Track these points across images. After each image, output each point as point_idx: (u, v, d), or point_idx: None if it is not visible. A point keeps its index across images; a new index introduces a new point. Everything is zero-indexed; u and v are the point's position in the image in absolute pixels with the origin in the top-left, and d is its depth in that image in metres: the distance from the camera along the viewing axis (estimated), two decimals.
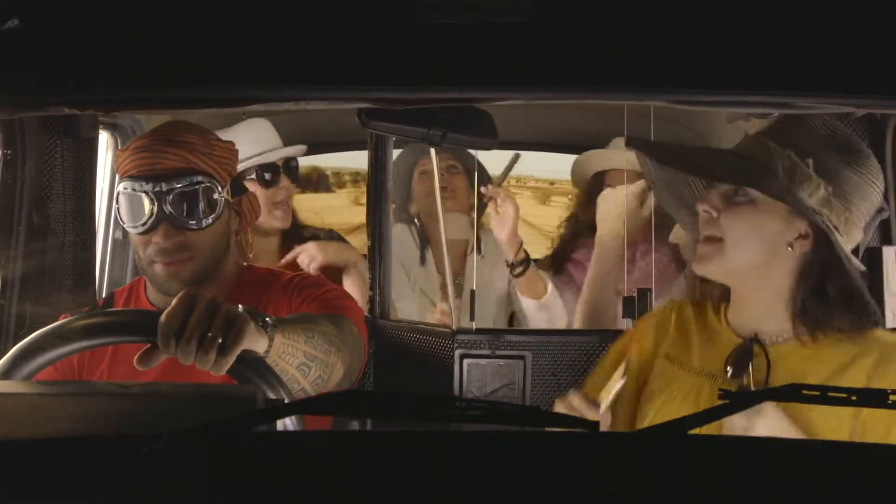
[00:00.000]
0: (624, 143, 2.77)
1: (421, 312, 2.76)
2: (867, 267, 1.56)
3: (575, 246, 2.83)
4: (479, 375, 2.02)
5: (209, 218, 1.73)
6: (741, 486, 0.93)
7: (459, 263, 2.78)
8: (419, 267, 2.85)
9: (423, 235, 2.87)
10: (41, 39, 1.35)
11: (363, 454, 1.00)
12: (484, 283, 2.73)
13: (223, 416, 1.01)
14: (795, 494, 0.92)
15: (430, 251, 2.85)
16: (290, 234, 2.69)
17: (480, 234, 2.78)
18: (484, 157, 2.73)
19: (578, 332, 2.26)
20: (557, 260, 2.86)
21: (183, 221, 1.71)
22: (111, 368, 1.75)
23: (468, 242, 2.72)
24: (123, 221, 1.73)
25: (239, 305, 1.35)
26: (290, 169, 2.65)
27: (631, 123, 2.22)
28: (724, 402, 1.08)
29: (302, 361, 1.45)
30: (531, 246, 2.69)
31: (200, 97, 1.41)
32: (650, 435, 1.08)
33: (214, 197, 1.74)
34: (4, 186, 1.95)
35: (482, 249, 2.78)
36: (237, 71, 1.34)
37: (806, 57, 1.34)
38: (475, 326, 2.10)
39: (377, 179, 2.33)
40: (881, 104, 1.51)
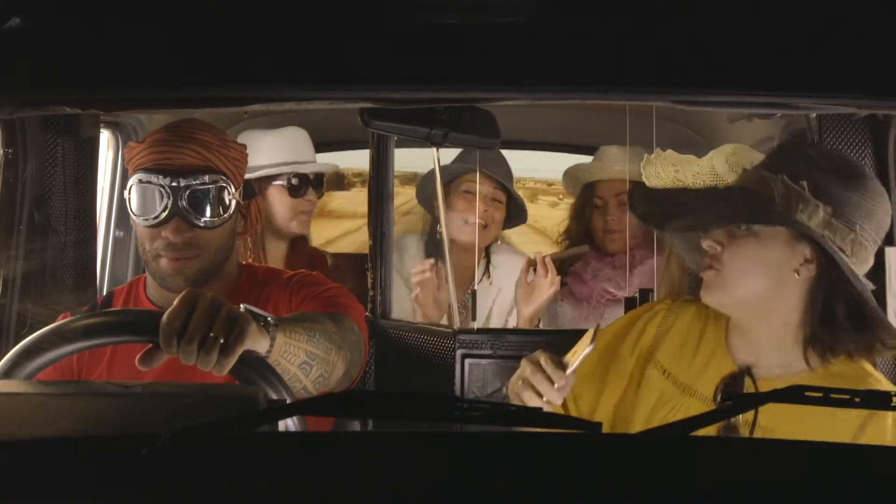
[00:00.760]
0: (611, 151, 2.80)
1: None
2: (870, 269, 1.55)
3: (576, 257, 2.84)
4: (480, 375, 2.02)
5: (220, 217, 1.74)
6: (743, 487, 0.93)
7: (466, 276, 2.77)
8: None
9: (438, 244, 2.86)
10: (43, 39, 1.35)
11: (364, 454, 1.00)
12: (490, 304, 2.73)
13: (224, 416, 1.00)
14: (796, 495, 0.92)
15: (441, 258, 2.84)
16: (300, 239, 2.73)
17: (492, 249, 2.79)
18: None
19: (579, 332, 2.25)
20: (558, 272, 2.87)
21: (195, 218, 1.71)
22: (111, 368, 1.74)
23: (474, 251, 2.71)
24: (134, 213, 1.72)
25: (241, 305, 1.35)
26: (318, 183, 2.69)
27: (632, 123, 2.22)
28: (726, 403, 1.07)
29: (303, 360, 1.45)
30: (538, 249, 2.70)
31: (202, 96, 1.42)
32: (652, 436, 1.08)
33: (227, 197, 1.74)
34: (6, 185, 1.95)
35: (491, 273, 2.78)
36: (239, 70, 1.34)
37: (808, 57, 1.34)
38: (476, 327, 2.10)
39: (378, 179, 2.33)
40: (883, 104, 1.50)
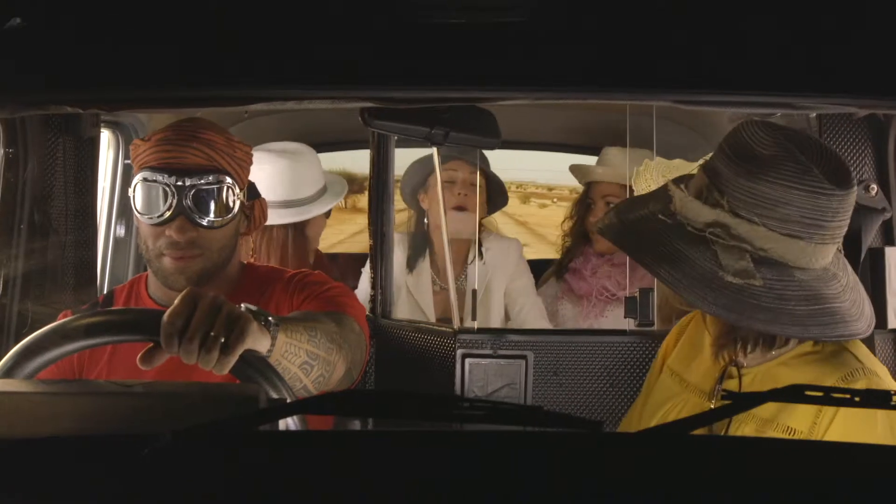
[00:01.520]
0: (614, 152, 2.82)
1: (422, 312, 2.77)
2: (870, 268, 1.54)
3: (573, 255, 2.86)
4: (480, 375, 2.02)
5: (224, 217, 1.74)
6: (742, 486, 0.93)
7: (462, 264, 2.78)
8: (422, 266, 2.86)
9: (427, 236, 2.88)
10: (43, 38, 1.35)
11: (365, 454, 1.00)
12: (484, 285, 2.74)
13: (225, 415, 1.00)
14: (796, 495, 0.92)
15: (433, 252, 2.85)
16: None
17: (482, 237, 2.80)
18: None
19: (580, 331, 2.26)
20: (560, 269, 2.89)
21: (199, 218, 1.71)
22: (111, 367, 1.75)
23: (470, 243, 2.73)
24: (139, 211, 1.73)
25: (242, 305, 1.35)
26: None
27: (633, 123, 2.22)
28: (726, 402, 1.08)
29: (304, 360, 1.45)
30: (537, 250, 2.72)
31: (203, 96, 1.42)
32: (652, 436, 1.08)
33: (232, 198, 1.74)
34: (6, 185, 1.95)
35: (484, 255, 2.79)
36: (240, 70, 1.34)
37: (808, 57, 1.34)
38: (477, 326, 2.10)
39: (379, 179, 2.33)
40: (883, 104, 1.50)
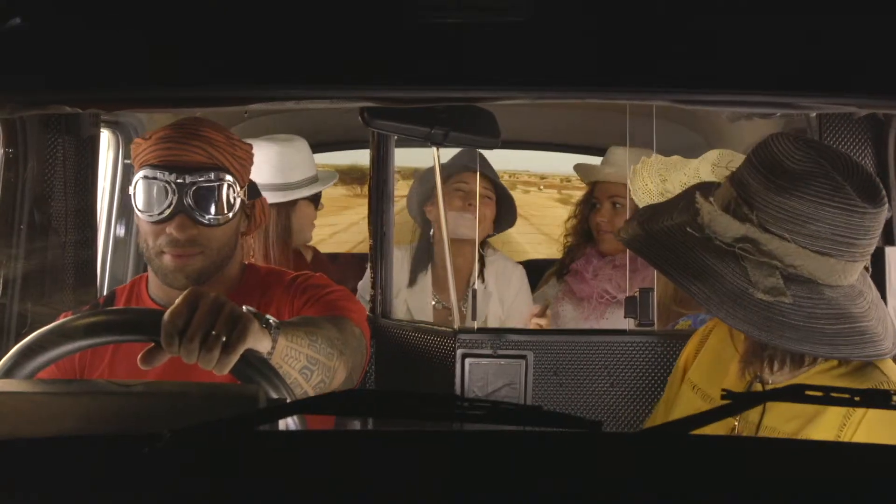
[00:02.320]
0: (620, 152, 2.82)
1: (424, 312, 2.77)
2: (870, 268, 1.54)
3: (575, 256, 2.86)
4: (480, 375, 2.02)
5: (224, 215, 1.74)
6: (742, 486, 0.93)
7: (464, 268, 2.78)
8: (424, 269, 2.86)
9: (431, 248, 2.88)
10: (43, 38, 1.35)
11: (365, 454, 1.00)
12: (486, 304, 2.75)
13: (225, 415, 1.00)
14: (796, 495, 0.92)
15: (434, 264, 2.85)
16: (301, 254, 2.78)
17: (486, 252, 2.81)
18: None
19: (580, 331, 2.26)
20: (561, 270, 2.89)
21: (200, 216, 1.71)
22: (112, 367, 1.75)
23: (474, 249, 2.72)
24: (139, 209, 1.72)
25: (243, 306, 1.35)
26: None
27: (633, 123, 2.22)
28: (725, 402, 1.08)
29: (304, 365, 1.45)
30: (541, 249, 2.73)
31: (203, 96, 1.42)
32: (652, 435, 1.08)
33: (232, 196, 1.75)
34: (6, 185, 1.95)
35: (486, 266, 2.80)
36: (240, 70, 1.34)
37: (808, 56, 1.34)
38: (477, 326, 2.10)
39: (379, 178, 2.33)
40: (883, 104, 1.50)
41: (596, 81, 1.34)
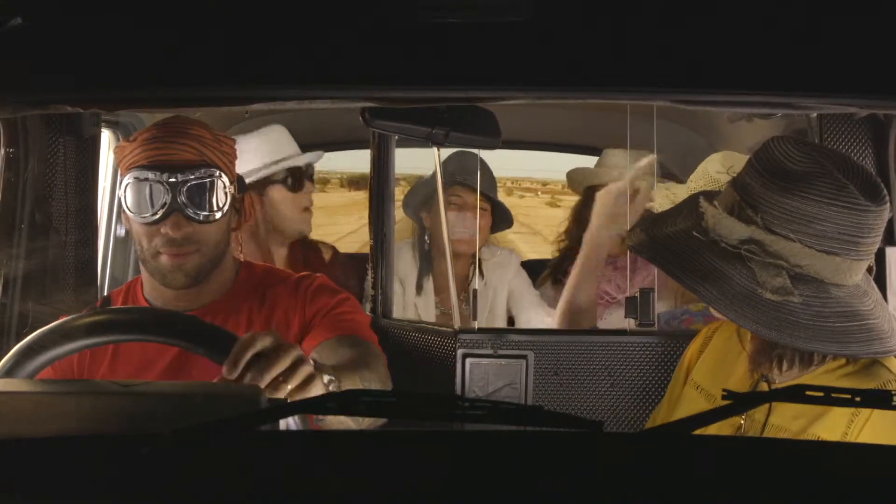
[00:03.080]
0: (615, 154, 2.81)
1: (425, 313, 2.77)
2: (874, 267, 1.54)
3: (571, 259, 2.85)
4: (481, 375, 2.02)
5: (218, 212, 1.74)
6: (744, 486, 0.93)
7: (464, 268, 2.78)
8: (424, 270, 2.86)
9: (429, 255, 2.88)
10: (44, 38, 1.35)
11: (365, 454, 1.00)
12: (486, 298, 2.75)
13: (227, 415, 1.00)
14: (798, 495, 0.92)
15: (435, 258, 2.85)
16: (299, 243, 2.69)
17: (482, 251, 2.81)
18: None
19: (580, 331, 2.25)
20: (556, 272, 2.89)
21: (194, 213, 1.71)
22: (113, 367, 1.74)
23: (474, 255, 2.72)
24: (131, 211, 1.72)
25: (311, 358, 1.40)
26: (309, 175, 2.66)
27: (633, 124, 2.22)
28: (727, 402, 1.08)
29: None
30: (538, 250, 2.73)
31: (204, 96, 1.42)
32: (653, 435, 1.08)
33: (224, 192, 1.75)
34: (7, 185, 1.95)
35: (484, 271, 2.80)
36: (241, 70, 1.34)
37: (809, 56, 1.34)
38: (477, 326, 2.10)
39: (380, 179, 2.33)
40: (884, 104, 1.50)
41: (596, 81, 1.34)
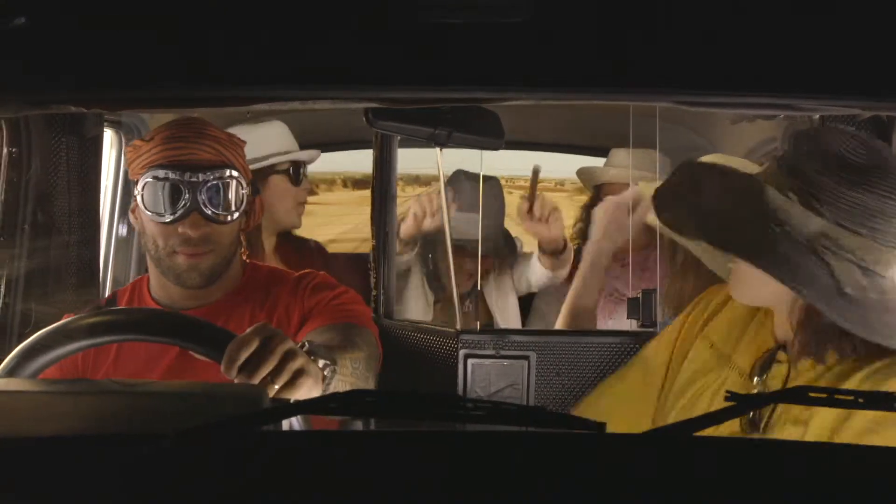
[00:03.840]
0: (622, 153, 2.81)
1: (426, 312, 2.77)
2: None
3: (579, 258, 2.85)
4: (483, 375, 2.02)
5: (236, 213, 1.75)
6: (747, 487, 0.92)
7: (466, 266, 2.78)
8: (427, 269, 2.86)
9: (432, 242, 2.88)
10: (47, 38, 1.35)
11: (367, 454, 1.00)
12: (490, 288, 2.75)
13: (227, 415, 1.01)
14: (798, 495, 0.92)
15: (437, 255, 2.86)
16: (285, 236, 2.71)
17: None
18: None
19: (583, 332, 2.25)
20: (570, 271, 2.88)
21: (213, 213, 1.72)
22: (116, 367, 1.75)
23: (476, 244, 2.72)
24: (149, 210, 1.72)
25: (305, 343, 1.41)
26: (305, 172, 2.69)
27: (635, 125, 2.22)
28: (730, 403, 1.07)
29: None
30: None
31: (206, 96, 1.42)
32: (656, 436, 1.08)
33: (241, 192, 1.76)
34: (10, 185, 1.95)
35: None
36: (243, 70, 1.34)
37: (811, 58, 1.33)
38: (479, 326, 2.10)
39: (382, 179, 2.33)
40: (887, 105, 1.50)
41: (598, 82, 1.34)
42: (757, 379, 1.49)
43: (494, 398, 2.00)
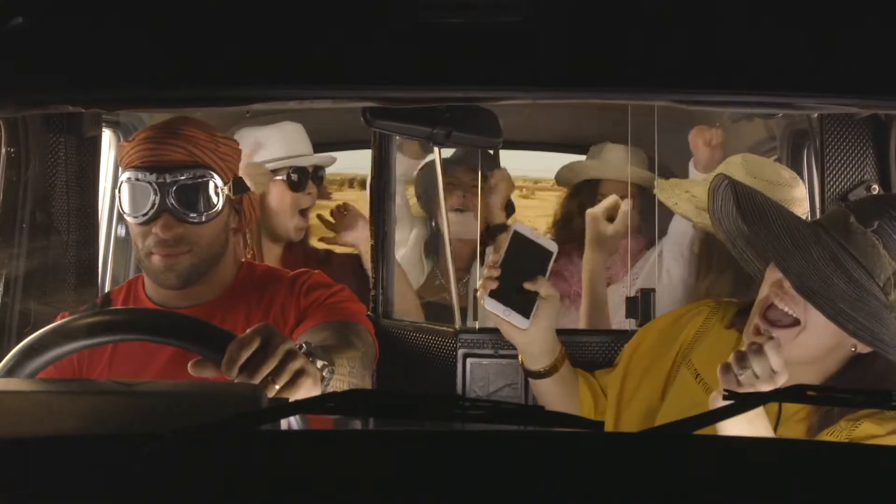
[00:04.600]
0: (606, 149, 2.80)
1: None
2: None
3: (560, 254, 2.83)
4: (482, 375, 2.02)
5: (209, 213, 1.74)
6: (745, 486, 0.93)
7: (464, 264, 2.78)
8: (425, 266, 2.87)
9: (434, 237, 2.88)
10: (45, 38, 1.35)
11: (366, 453, 1.00)
12: None
13: (226, 415, 1.00)
14: (798, 495, 0.92)
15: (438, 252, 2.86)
16: (295, 246, 2.67)
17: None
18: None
19: (581, 331, 2.26)
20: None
21: (184, 214, 1.71)
22: (112, 366, 1.75)
23: (474, 244, 2.72)
24: (125, 211, 1.74)
25: (302, 344, 1.41)
26: (317, 177, 2.64)
27: (634, 124, 2.22)
28: (728, 402, 1.07)
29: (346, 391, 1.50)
30: None
31: (205, 96, 1.42)
32: (654, 435, 1.08)
33: (216, 192, 1.75)
34: (8, 184, 1.95)
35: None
36: (242, 70, 1.34)
37: (810, 57, 1.33)
38: (478, 326, 2.10)
39: (381, 178, 2.33)
40: (885, 104, 1.50)
41: (596, 81, 1.34)
42: None
43: (493, 397, 2.00)
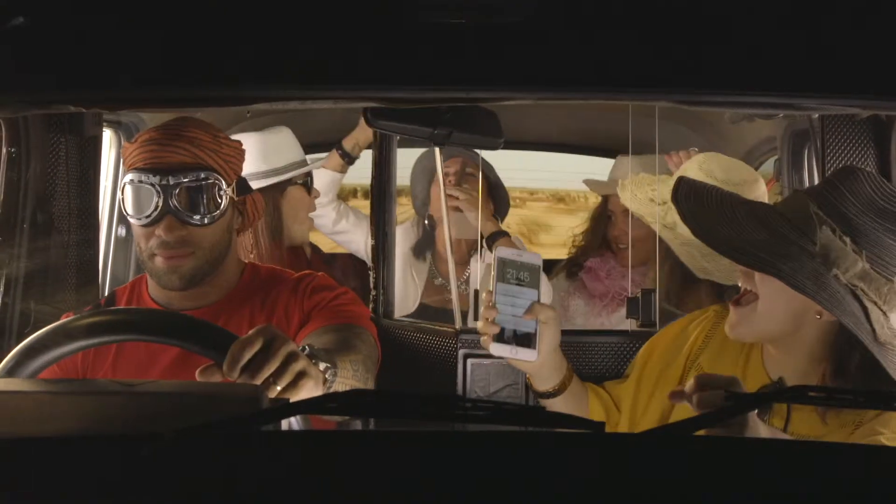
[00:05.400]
0: (624, 163, 2.81)
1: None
2: None
3: (588, 255, 2.85)
4: (482, 375, 2.02)
5: (213, 214, 1.74)
6: (746, 487, 0.93)
7: (464, 264, 2.79)
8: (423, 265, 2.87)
9: (430, 236, 2.88)
10: (46, 38, 1.35)
11: (367, 454, 1.00)
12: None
13: (227, 415, 1.01)
14: (798, 495, 0.92)
15: (436, 251, 2.86)
16: (299, 248, 2.69)
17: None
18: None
19: (581, 332, 2.25)
20: (571, 267, 2.88)
21: (187, 216, 1.71)
22: (115, 367, 1.75)
23: (474, 243, 2.73)
24: (128, 213, 1.73)
25: (305, 346, 1.41)
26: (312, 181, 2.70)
27: (636, 124, 2.22)
28: (728, 403, 1.08)
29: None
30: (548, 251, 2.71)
31: (205, 96, 1.42)
32: (655, 436, 1.08)
33: (219, 194, 1.75)
34: (9, 184, 1.95)
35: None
36: (242, 70, 1.34)
37: (810, 57, 1.34)
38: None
39: (381, 178, 2.33)
40: (886, 105, 1.50)
41: (597, 81, 1.34)
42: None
43: (494, 398, 2.00)
